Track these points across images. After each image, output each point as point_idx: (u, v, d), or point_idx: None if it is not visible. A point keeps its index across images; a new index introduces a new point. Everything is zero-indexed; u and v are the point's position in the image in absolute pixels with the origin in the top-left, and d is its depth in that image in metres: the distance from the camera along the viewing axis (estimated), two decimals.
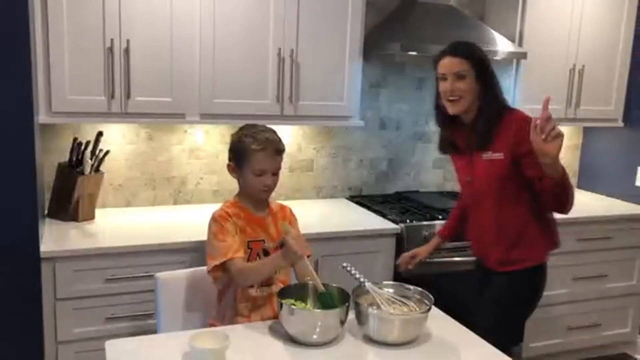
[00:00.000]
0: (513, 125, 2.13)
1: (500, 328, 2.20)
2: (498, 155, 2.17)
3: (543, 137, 1.87)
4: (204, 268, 1.99)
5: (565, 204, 2.10)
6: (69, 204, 2.64)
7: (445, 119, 2.32)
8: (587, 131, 3.99)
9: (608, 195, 3.81)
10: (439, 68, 2.22)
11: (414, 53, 3.04)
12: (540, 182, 2.07)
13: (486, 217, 2.27)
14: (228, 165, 2.05)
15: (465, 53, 2.19)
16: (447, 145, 2.40)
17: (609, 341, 3.55)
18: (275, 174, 2.01)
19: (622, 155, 3.75)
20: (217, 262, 1.91)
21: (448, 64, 2.19)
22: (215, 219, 1.97)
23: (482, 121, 2.19)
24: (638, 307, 3.59)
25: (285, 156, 2.06)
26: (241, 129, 2.05)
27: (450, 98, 2.20)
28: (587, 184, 3.98)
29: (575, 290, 3.34)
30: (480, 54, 2.23)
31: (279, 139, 2.02)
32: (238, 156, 2.00)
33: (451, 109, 2.22)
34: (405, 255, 2.58)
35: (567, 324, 3.38)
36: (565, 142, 3.92)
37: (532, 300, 2.32)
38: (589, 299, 3.40)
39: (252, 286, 1.97)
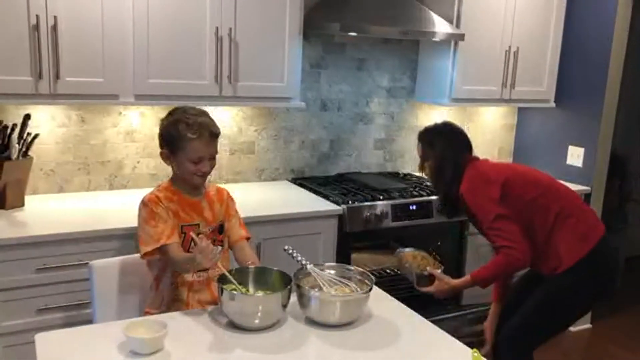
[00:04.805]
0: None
1: (524, 327, 2.35)
2: None
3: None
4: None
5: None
6: None
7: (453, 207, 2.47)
8: (521, 111, 4.11)
9: None
10: None
11: (353, 34, 3.02)
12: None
13: None
14: (161, 153, 1.97)
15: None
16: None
17: None
18: (213, 158, 1.95)
19: (554, 135, 3.88)
20: (149, 249, 1.86)
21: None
22: (145, 204, 1.92)
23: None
24: None
25: (225, 138, 2.00)
26: (171, 113, 1.95)
27: None
28: (521, 163, 4.10)
29: None
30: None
31: (213, 121, 1.96)
32: (172, 144, 1.92)
33: None
34: None
35: None
36: (501, 122, 4.09)
37: (565, 306, 2.33)
38: None
39: None
